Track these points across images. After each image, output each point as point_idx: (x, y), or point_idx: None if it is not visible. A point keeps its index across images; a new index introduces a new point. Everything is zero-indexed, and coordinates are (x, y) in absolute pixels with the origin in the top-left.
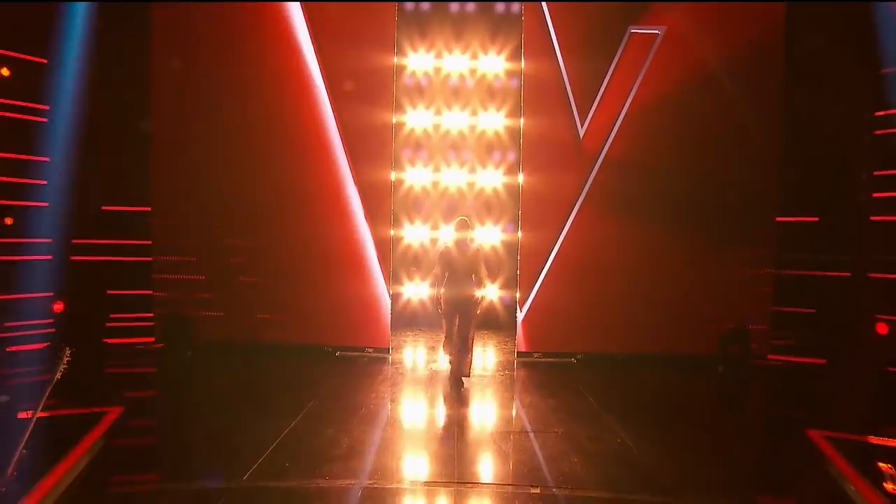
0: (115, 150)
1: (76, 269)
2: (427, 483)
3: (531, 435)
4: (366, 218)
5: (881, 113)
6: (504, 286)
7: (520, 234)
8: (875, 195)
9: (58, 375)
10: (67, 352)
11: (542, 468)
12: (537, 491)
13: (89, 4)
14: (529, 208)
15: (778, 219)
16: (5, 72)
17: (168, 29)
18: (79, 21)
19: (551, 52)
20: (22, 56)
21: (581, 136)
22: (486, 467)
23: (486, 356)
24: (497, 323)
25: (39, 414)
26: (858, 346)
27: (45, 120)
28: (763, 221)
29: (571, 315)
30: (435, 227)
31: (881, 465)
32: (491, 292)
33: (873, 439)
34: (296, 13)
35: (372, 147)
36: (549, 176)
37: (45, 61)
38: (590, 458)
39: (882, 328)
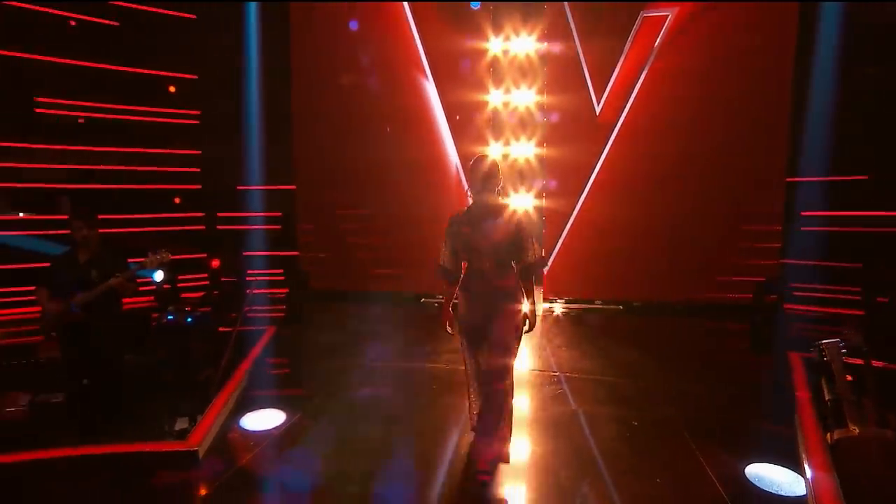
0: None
1: (222, 235)
2: None
3: (558, 349)
4: (465, 186)
5: None
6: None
7: (543, 200)
8: None
9: (246, 308)
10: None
11: (563, 364)
12: (556, 373)
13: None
14: (552, 177)
15: (788, 179)
16: (172, 89)
17: (303, 27)
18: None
19: (570, 36)
20: (181, 75)
21: (598, 112)
22: (526, 361)
23: None
24: None
25: (236, 328)
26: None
27: (197, 122)
28: (773, 182)
29: (589, 267)
30: (506, 195)
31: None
32: None
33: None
34: (406, 9)
35: (468, 122)
36: (569, 147)
37: (196, 77)
38: (596, 361)
39: None
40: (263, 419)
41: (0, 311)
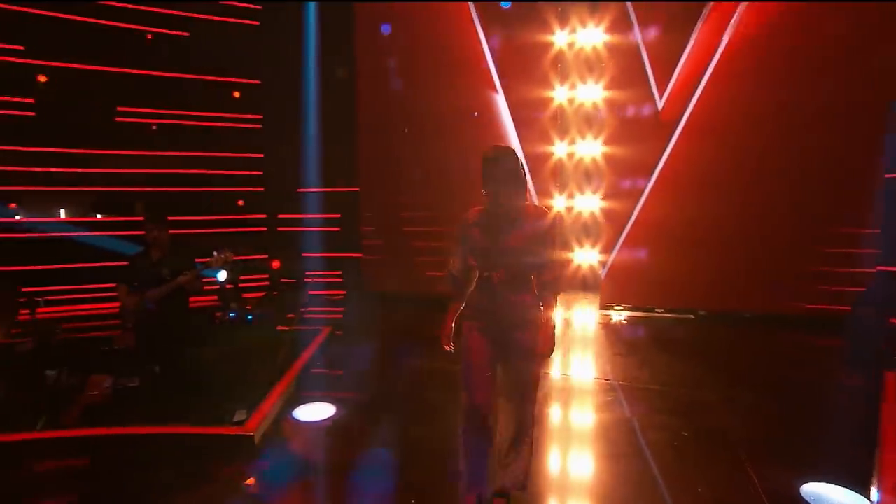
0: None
1: (282, 236)
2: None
3: (617, 357)
4: (534, 188)
5: None
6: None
7: (602, 200)
8: None
9: (302, 310)
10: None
11: (619, 372)
12: (610, 380)
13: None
14: (613, 176)
15: (887, 175)
16: (236, 94)
17: (367, 28)
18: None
19: (631, 29)
20: (245, 80)
21: (660, 108)
22: (583, 369)
23: (572, 310)
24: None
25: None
26: None
27: (259, 126)
28: (868, 179)
29: (651, 273)
30: (570, 196)
31: None
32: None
33: None
34: (472, 8)
35: (533, 121)
36: (629, 146)
37: (259, 82)
38: (655, 370)
39: None
40: (315, 411)
41: (83, 305)
